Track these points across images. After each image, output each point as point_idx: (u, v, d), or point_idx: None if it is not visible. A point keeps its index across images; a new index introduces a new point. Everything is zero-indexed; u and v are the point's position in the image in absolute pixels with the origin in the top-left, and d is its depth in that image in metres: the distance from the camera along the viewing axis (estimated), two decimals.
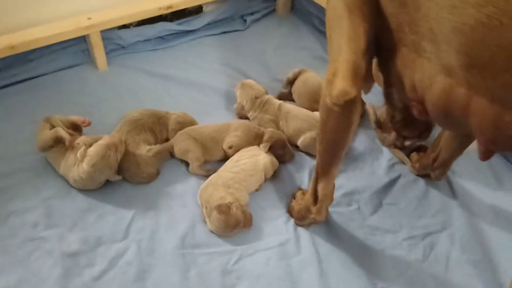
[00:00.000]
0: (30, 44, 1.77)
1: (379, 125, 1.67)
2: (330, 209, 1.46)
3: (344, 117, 1.10)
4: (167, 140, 1.64)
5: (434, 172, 1.55)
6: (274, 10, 2.40)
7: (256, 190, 1.52)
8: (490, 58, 0.80)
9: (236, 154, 1.55)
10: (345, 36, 1.05)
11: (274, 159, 1.57)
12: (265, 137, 1.58)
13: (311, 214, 1.36)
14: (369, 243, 1.40)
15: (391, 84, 1.16)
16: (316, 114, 1.60)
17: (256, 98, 1.72)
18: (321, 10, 2.16)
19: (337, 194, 1.51)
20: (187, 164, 1.59)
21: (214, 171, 1.54)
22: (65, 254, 1.33)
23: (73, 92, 1.85)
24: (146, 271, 1.31)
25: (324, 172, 1.26)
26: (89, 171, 1.42)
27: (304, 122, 1.63)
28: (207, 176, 1.51)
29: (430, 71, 0.94)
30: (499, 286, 1.31)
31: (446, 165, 1.51)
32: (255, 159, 1.52)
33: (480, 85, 0.84)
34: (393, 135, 1.64)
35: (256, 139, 1.60)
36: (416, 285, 1.31)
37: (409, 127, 1.55)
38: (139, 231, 1.40)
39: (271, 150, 1.57)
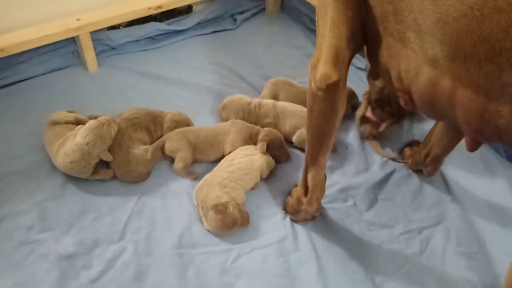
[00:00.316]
0: (19, 46, 1.75)
1: (363, 118, 1.68)
2: (327, 205, 1.47)
3: (328, 102, 1.11)
4: None
5: (426, 168, 1.56)
6: (264, 8, 2.39)
7: (252, 189, 1.52)
8: (473, 49, 0.81)
9: (231, 153, 1.55)
10: (329, 22, 1.06)
11: (270, 159, 1.56)
12: (261, 136, 1.58)
13: (302, 206, 1.37)
14: (366, 238, 1.41)
15: (378, 74, 1.16)
16: None
17: (249, 104, 1.71)
18: (311, 8, 2.17)
19: (332, 190, 1.52)
20: None
21: (196, 177, 1.54)
22: (61, 256, 1.31)
23: (63, 94, 1.83)
24: (144, 272, 1.30)
25: (313, 161, 1.27)
26: (81, 143, 1.43)
27: (300, 119, 1.62)
28: (201, 177, 1.51)
29: (416, 62, 0.94)
30: (495, 277, 1.33)
31: (437, 161, 1.53)
32: (249, 159, 1.52)
33: (464, 76, 0.85)
34: (369, 126, 1.66)
35: (251, 138, 1.60)
36: (414, 279, 1.32)
37: (382, 107, 1.58)
38: (136, 231, 1.39)
39: (267, 150, 1.56)
